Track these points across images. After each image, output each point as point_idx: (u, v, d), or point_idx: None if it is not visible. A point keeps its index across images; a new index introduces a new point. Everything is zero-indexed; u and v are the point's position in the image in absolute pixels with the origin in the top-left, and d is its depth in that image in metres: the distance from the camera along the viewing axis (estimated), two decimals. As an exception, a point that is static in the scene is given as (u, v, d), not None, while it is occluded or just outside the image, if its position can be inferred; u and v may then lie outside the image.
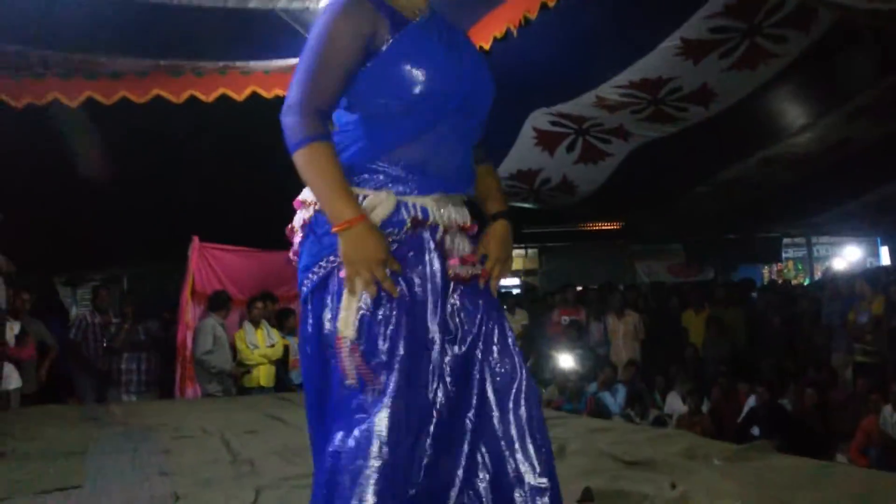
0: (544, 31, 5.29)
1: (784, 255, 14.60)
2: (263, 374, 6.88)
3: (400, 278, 1.65)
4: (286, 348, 7.21)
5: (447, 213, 1.75)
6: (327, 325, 1.66)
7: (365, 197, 1.69)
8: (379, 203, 1.67)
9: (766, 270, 15.40)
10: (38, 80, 6.28)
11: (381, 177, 1.70)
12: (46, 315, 7.62)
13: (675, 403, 7.30)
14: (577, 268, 13.10)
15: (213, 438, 4.36)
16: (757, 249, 13.17)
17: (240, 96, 6.60)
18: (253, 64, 6.44)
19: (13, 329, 6.18)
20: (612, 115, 7.09)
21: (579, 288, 10.36)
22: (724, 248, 12.84)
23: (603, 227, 12.66)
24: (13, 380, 6.09)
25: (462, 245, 1.79)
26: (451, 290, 1.76)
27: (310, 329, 1.71)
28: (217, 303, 6.93)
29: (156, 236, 9.06)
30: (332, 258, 1.66)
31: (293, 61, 6.40)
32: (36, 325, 6.72)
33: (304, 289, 1.72)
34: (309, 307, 1.71)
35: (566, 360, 8.07)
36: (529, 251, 14.34)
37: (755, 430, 6.19)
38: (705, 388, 7.26)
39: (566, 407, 7.32)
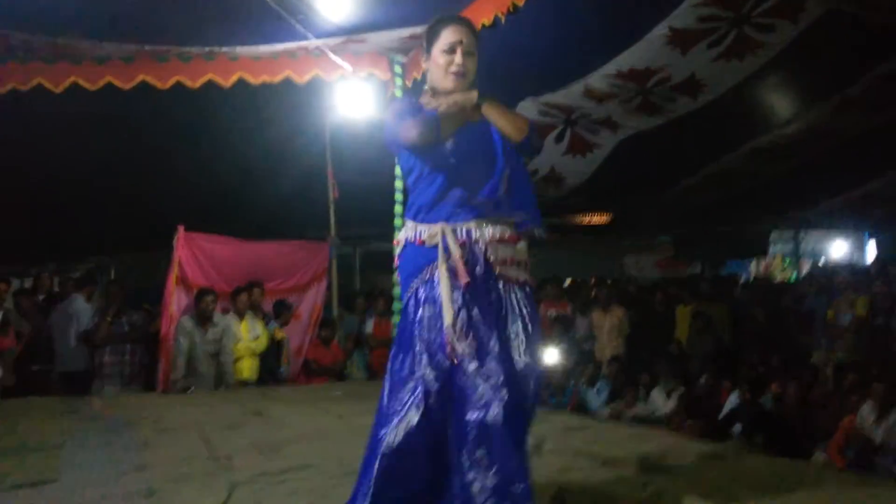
0: (532, 19, 5.22)
1: (772, 248, 14.61)
2: (247, 367, 6.78)
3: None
4: (279, 342, 7.15)
5: (489, 230, 2.38)
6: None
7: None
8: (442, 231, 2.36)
9: (753, 265, 15.42)
10: (22, 65, 6.17)
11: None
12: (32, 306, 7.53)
13: (658, 400, 7.27)
14: (566, 261, 13.06)
15: (192, 433, 4.32)
16: (745, 243, 13.18)
17: (227, 82, 6.46)
18: (240, 49, 6.31)
19: (-6, 319, 6.13)
20: (601, 106, 7.06)
21: (568, 280, 10.32)
22: (713, 242, 12.85)
23: (592, 221, 12.62)
24: (-7, 371, 6.04)
25: (502, 250, 2.39)
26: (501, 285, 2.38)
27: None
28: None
29: (143, 225, 9.00)
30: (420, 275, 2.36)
31: (280, 47, 6.34)
32: (16, 315, 6.64)
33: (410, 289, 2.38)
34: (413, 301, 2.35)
35: (551, 355, 8.03)
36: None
37: (736, 428, 6.17)
38: (689, 384, 7.24)
39: (551, 401, 7.31)
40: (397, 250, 2.48)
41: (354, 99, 7.18)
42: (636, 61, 6.24)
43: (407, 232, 2.41)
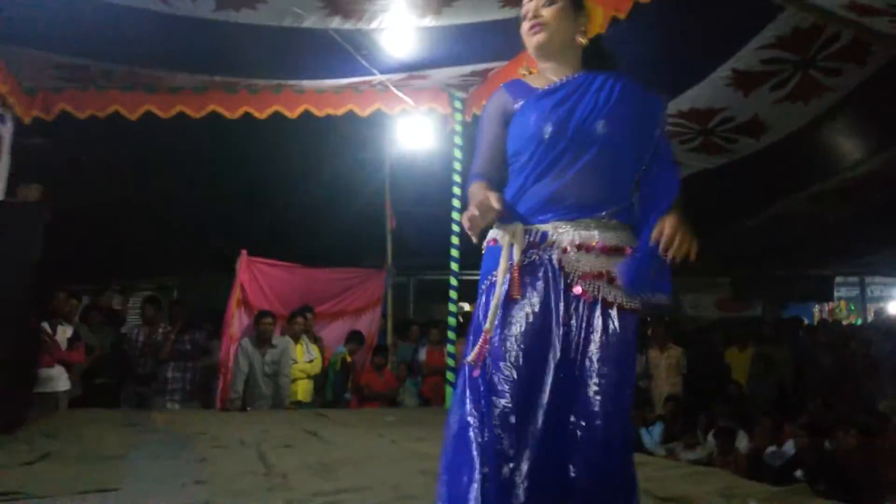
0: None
1: (836, 294, 14.21)
2: (301, 389, 6.93)
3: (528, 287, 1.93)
4: (349, 365, 7.28)
5: (567, 235, 1.94)
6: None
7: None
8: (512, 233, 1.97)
9: (816, 310, 15.00)
10: (101, 93, 6.52)
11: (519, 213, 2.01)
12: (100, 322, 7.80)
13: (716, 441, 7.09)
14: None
15: (250, 450, 4.42)
16: (808, 287, 12.86)
17: (293, 114, 6.71)
18: (306, 83, 6.55)
19: (65, 332, 6.36)
20: (661, 145, 7.03)
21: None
22: (774, 285, 12.56)
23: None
24: (62, 382, 6.25)
25: (586, 261, 1.94)
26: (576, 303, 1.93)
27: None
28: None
29: (205, 248, 9.28)
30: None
31: (345, 81, 6.54)
32: (85, 330, 6.89)
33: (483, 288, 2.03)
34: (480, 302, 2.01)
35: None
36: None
37: (798, 473, 5.98)
38: (749, 426, 7.05)
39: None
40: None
41: (415, 132, 7.34)
42: (697, 101, 6.22)
43: (490, 232, 2.08)
